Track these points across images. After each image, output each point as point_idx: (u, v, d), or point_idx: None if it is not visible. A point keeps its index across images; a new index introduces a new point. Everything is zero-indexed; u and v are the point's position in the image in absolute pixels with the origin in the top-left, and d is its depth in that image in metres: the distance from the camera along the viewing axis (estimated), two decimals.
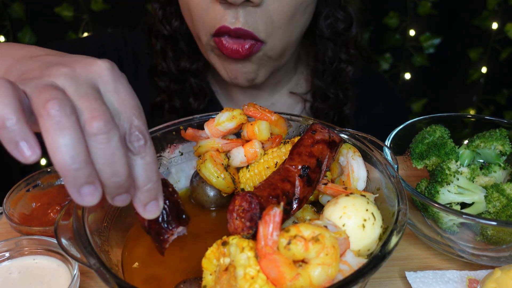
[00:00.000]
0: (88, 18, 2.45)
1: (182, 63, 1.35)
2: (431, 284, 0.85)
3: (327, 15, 1.28)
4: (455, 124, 1.10)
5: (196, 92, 1.38)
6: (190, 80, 1.37)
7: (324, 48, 1.33)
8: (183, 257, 0.82)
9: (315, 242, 0.62)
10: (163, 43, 1.34)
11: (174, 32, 1.32)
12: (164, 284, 0.76)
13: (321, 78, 1.36)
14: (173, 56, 1.35)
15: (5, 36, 2.45)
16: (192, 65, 1.35)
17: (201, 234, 0.87)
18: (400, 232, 0.68)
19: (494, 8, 2.55)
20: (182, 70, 1.36)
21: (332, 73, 1.35)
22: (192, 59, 1.35)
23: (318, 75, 1.37)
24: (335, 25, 1.29)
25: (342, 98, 1.37)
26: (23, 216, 0.98)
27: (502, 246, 0.85)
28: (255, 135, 0.89)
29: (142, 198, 0.60)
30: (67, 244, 0.71)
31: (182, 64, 1.35)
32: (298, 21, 1.16)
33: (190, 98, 1.38)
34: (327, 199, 0.81)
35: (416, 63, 2.70)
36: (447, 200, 0.92)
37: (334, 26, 1.29)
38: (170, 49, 1.34)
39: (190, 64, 1.35)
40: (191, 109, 1.39)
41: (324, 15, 1.28)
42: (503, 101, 2.79)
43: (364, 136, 0.90)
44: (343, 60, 1.34)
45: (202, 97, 1.38)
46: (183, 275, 0.77)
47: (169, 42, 1.34)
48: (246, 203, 0.66)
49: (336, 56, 1.33)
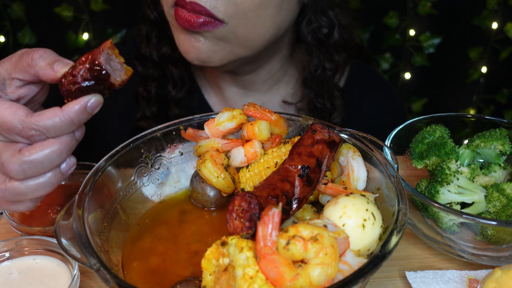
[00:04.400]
0: (88, 18, 2.45)
1: (164, 48, 1.35)
2: (431, 284, 0.85)
3: (309, 20, 1.26)
4: (455, 124, 1.10)
5: (175, 80, 1.37)
6: (170, 67, 1.37)
7: (309, 55, 1.32)
8: (183, 257, 0.82)
9: (314, 242, 0.62)
10: (148, 28, 1.35)
11: (160, 16, 1.32)
12: (164, 284, 0.76)
13: (310, 87, 1.35)
14: (156, 42, 1.35)
15: (5, 36, 2.45)
16: (174, 52, 1.35)
17: (200, 234, 0.87)
18: (400, 232, 0.68)
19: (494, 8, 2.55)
20: (162, 56, 1.36)
21: (318, 82, 1.33)
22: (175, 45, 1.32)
23: (306, 84, 1.36)
24: (317, 31, 1.27)
25: (329, 108, 1.36)
26: (23, 216, 0.98)
27: (502, 246, 0.85)
28: (255, 135, 0.89)
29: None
30: (67, 244, 0.71)
31: (163, 50, 1.35)
32: (271, 15, 1.13)
33: (168, 85, 1.39)
34: (327, 199, 0.81)
35: (416, 63, 2.70)
36: (447, 200, 0.92)
37: (316, 32, 1.27)
38: (154, 35, 1.35)
39: (171, 51, 1.35)
40: (169, 97, 1.39)
41: (306, 20, 1.25)
42: (503, 100, 2.79)
43: (364, 136, 0.90)
44: (327, 68, 1.32)
45: (181, 86, 1.38)
46: (183, 275, 0.77)
47: (154, 28, 1.35)
48: (245, 203, 0.66)
49: (320, 64, 1.31)
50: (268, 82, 1.40)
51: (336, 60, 1.32)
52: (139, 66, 1.39)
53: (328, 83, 1.34)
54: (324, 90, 1.34)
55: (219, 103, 1.46)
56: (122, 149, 0.89)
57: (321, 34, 1.27)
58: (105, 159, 0.85)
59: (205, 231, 0.88)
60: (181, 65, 1.39)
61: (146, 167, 0.94)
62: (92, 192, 0.78)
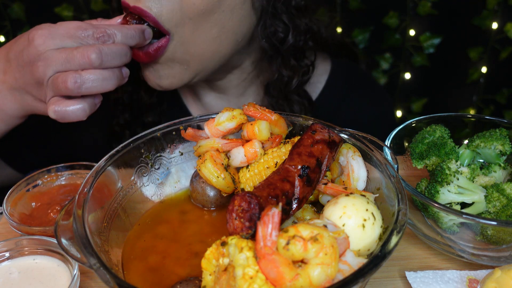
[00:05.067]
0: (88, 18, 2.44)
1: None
2: (431, 284, 0.85)
3: (264, 24, 1.21)
4: (455, 124, 1.09)
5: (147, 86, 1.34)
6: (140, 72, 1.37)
7: (268, 61, 1.29)
8: (183, 257, 0.82)
9: (314, 242, 0.62)
10: None
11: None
12: (164, 284, 0.76)
13: (270, 93, 1.33)
14: None
15: (5, 36, 2.45)
16: None
17: (201, 234, 0.87)
18: (400, 232, 0.68)
19: (494, 8, 2.55)
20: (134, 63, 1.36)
21: (276, 87, 1.31)
22: None
23: (267, 90, 1.34)
24: (271, 36, 1.22)
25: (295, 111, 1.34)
26: (23, 216, 0.98)
27: (502, 246, 0.85)
28: (255, 135, 0.89)
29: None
30: (67, 244, 0.71)
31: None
32: (219, 20, 1.10)
33: (141, 91, 1.37)
34: (327, 199, 0.81)
35: (416, 63, 2.70)
36: (447, 200, 0.92)
37: (269, 37, 1.22)
38: None
39: None
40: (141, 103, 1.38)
41: (261, 24, 1.21)
42: (503, 100, 2.79)
43: (364, 136, 0.90)
44: (284, 75, 1.28)
45: (153, 90, 1.35)
46: (183, 275, 0.77)
47: None
48: (245, 203, 0.66)
49: (277, 70, 1.28)
50: (242, 85, 1.39)
51: (293, 65, 1.28)
52: None
53: (286, 88, 1.30)
54: (281, 96, 1.32)
55: (197, 107, 1.45)
56: (122, 149, 0.89)
57: (275, 40, 1.22)
58: (105, 159, 0.85)
59: (205, 231, 0.88)
60: None
61: (146, 167, 0.94)
62: (92, 192, 0.78)
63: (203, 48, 1.14)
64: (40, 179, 1.06)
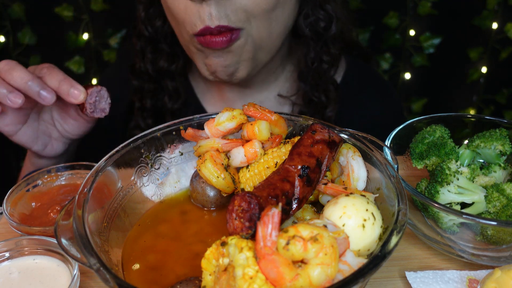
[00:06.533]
0: (88, 18, 2.44)
1: (161, 62, 1.38)
2: (431, 284, 0.85)
3: (306, 13, 1.29)
4: (455, 124, 1.09)
5: (171, 93, 1.41)
6: (166, 81, 1.40)
7: (307, 49, 1.34)
8: (183, 257, 0.82)
9: (313, 242, 0.62)
10: (143, 44, 1.38)
11: (155, 33, 1.35)
12: (164, 284, 0.76)
13: (305, 80, 1.37)
14: (152, 58, 1.38)
15: (5, 36, 2.45)
16: (171, 65, 1.38)
17: (201, 234, 0.87)
18: (400, 232, 0.68)
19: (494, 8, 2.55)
20: (158, 71, 1.39)
21: (314, 75, 1.35)
22: (171, 59, 1.38)
23: (302, 77, 1.37)
24: (315, 24, 1.30)
25: (324, 101, 1.38)
26: (23, 216, 0.98)
27: (502, 246, 0.85)
28: (255, 135, 0.89)
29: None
30: (67, 244, 0.71)
31: (160, 64, 1.38)
32: (279, 15, 1.17)
33: (165, 97, 1.42)
34: (327, 199, 0.81)
35: (416, 63, 2.70)
36: (447, 200, 0.92)
37: (313, 25, 1.30)
38: (149, 51, 1.38)
39: (168, 64, 1.38)
40: (165, 109, 1.42)
41: (303, 14, 1.28)
42: (503, 100, 2.79)
43: (364, 136, 0.90)
44: (324, 61, 1.34)
45: (177, 98, 1.42)
46: (183, 275, 0.77)
47: (149, 44, 1.37)
48: (245, 203, 0.66)
49: (317, 57, 1.34)
50: (268, 80, 1.41)
51: (333, 53, 1.35)
52: (135, 80, 1.42)
53: (324, 76, 1.36)
54: (319, 83, 1.36)
55: (216, 104, 1.47)
56: (122, 149, 0.89)
57: (318, 28, 1.30)
58: (105, 159, 0.85)
59: (205, 231, 0.88)
60: (177, 78, 1.42)
61: (146, 167, 0.94)
62: (92, 192, 0.79)
63: (265, 41, 1.20)
64: (40, 179, 1.06)
